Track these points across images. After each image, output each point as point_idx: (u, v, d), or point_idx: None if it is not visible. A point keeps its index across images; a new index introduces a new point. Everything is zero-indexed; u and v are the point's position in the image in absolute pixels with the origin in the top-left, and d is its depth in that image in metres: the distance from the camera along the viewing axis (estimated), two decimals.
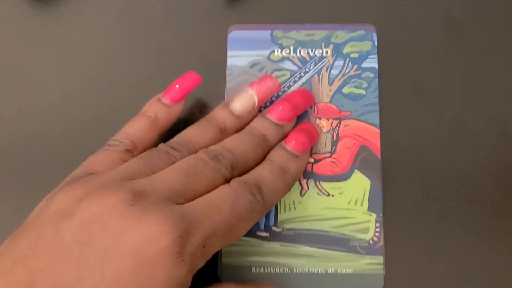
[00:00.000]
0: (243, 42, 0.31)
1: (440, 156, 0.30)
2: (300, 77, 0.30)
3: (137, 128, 0.27)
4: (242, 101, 0.27)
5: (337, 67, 0.30)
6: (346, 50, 0.31)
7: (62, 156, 0.30)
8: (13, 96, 0.31)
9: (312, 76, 0.30)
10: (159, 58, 0.32)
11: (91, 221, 0.20)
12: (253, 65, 0.31)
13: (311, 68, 0.30)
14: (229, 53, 0.31)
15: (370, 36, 0.31)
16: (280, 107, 0.27)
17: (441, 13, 0.32)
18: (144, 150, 0.26)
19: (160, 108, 0.27)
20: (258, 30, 0.31)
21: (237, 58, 0.31)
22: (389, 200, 0.29)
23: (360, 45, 0.31)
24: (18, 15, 0.33)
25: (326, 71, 0.30)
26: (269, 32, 0.31)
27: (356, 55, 0.30)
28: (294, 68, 0.30)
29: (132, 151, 0.26)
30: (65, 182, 0.24)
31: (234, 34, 0.31)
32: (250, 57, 0.31)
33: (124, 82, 0.32)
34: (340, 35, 0.31)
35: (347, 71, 0.30)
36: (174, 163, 0.24)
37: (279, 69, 0.30)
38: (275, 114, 0.27)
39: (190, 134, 0.26)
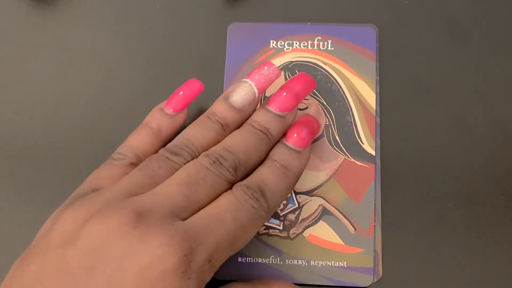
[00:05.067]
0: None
1: (440, 156, 0.30)
2: None
3: (141, 140, 0.26)
4: (241, 93, 0.26)
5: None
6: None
7: (62, 156, 0.30)
8: (13, 96, 0.31)
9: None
10: (159, 58, 0.32)
11: (95, 246, 0.20)
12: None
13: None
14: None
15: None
16: (281, 97, 0.26)
17: (441, 13, 0.32)
18: None
19: (163, 118, 0.27)
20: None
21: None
22: (389, 200, 0.29)
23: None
24: (18, 15, 0.32)
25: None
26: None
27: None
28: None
29: (136, 165, 0.25)
30: (70, 199, 0.24)
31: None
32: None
33: (124, 82, 0.31)
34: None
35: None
36: (175, 169, 0.24)
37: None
38: (276, 105, 0.26)
39: (190, 134, 0.25)
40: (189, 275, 0.20)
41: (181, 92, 0.27)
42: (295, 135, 0.26)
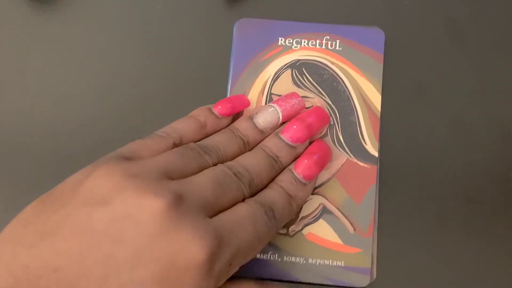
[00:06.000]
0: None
1: (440, 156, 0.30)
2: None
3: (187, 126, 0.26)
4: (267, 116, 0.27)
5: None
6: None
7: (62, 155, 0.30)
8: (13, 96, 0.31)
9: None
10: (160, 58, 0.32)
11: (126, 216, 0.20)
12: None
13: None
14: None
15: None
16: (294, 128, 0.27)
17: (441, 14, 0.32)
18: None
19: (210, 115, 0.27)
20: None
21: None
22: (388, 200, 0.29)
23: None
24: (18, 15, 0.32)
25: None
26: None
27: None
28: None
29: (178, 146, 0.25)
30: (106, 157, 0.23)
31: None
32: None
33: (124, 82, 0.31)
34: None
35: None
36: (204, 166, 0.24)
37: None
38: (288, 134, 0.27)
39: (218, 141, 0.26)
40: (211, 273, 0.20)
41: (230, 101, 0.28)
42: (303, 168, 0.26)
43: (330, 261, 0.28)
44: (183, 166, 0.23)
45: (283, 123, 0.28)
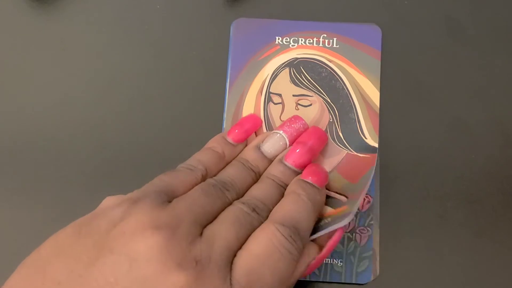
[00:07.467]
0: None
1: (440, 156, 0.30)
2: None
3: (209, 159, 0.27)
4: (275, 144, 0.28)
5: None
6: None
7: (62, 155, 0.30)
8: (13, 96, 0.31)
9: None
10: (158, 58, 0.32)
11: (148, 283, 0.20)
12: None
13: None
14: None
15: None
16: (297, 152, 0.27)
17: (441, 13, 0.32)
18: None
19: (227, 145, 0.28)
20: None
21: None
22: (388, 200, 0.29)
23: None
24: (18, 15, 0.32)
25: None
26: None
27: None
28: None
29: (205, 177, 0.26)
30: (142, 192, 0.24)
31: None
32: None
33: (124, 82, 0.31)
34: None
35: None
36: (226, 203, 0.25)
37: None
38: (292, 159, 0.27)
39: (233, 176, 0.26)
40: None
41: (243, 125, 0.29)
42: (314, 176, 0.26)
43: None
44: (210, 208, 0.24)
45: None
